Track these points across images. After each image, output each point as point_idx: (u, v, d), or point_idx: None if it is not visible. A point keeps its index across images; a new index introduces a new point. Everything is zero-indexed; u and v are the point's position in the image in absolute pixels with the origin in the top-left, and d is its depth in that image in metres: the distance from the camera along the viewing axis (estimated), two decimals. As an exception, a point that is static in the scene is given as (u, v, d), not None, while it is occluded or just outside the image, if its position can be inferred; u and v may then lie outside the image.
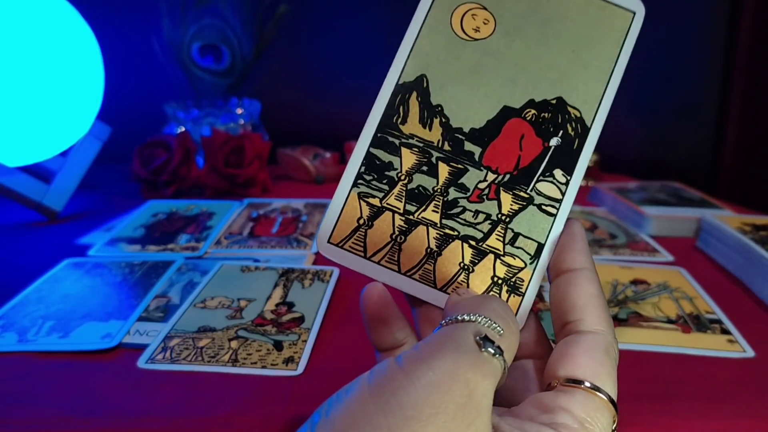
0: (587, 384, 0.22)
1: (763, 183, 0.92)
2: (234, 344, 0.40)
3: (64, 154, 0.72)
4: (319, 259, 0.55)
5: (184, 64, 0.85)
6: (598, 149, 0.88)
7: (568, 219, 0.26)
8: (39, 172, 0.70)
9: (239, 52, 0.86)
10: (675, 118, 0.98)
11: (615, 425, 0.22)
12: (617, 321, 0.44)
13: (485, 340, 0.20)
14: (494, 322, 0.21)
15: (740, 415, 0.33)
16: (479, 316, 0.21)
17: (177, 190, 0.75)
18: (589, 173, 0.89)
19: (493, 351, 0.20)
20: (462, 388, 0.18)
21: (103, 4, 0.84)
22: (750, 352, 0.40)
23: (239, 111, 0.86)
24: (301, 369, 0.37)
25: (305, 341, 0.40)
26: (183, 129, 0.83)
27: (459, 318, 0.21)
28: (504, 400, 0.24)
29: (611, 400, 0.22)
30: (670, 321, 0.44)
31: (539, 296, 0.47)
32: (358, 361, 0.38)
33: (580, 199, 0.77)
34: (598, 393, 0.22)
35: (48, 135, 0.67)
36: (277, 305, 0.45)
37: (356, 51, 0.94)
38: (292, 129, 0.95)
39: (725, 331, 0.43)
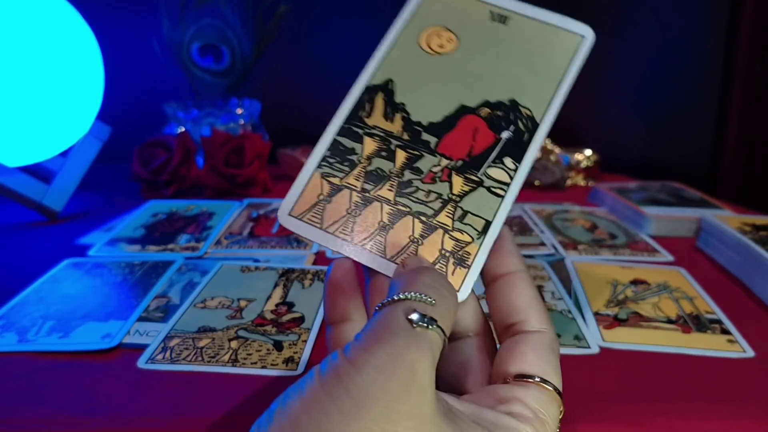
0: (537, 378, 0.24)
1: (763, 183, 0.92)
2: (234, 344, 0.40)
3: (64, 154, 0.72)
4: (319, 259, 0.55)
5: (183, 64, 0.85)
6: (598, 149, 0.89)
7: None
8: (39, 172, 0.70)
9: (239, 52, 0.86)
10: (675, 118, 0.98)
11: (561, 414, 0.25)
12: (617, 321, 0.44)
13: (416, 315, 0.21)
14: (425, 295, 0.23)
15: (740, 415, 0.33)
16: (409, 293, 0.23)
17: (177, 190, 0.75)
18: (589, 173, 0.89)
19: (425, 324, 0.21)
20: (403, 369, 0.20)
21: (103, 4, 0.84)
22: (750, 352, 0.40)
23: (239, 111, 0.86)
24: (301, 369, 0.37)
25: (305, 341, 0.40)
26: (183, 129, 0.83)
27: (391, 299, 0.23)
28: (448, 376, 0.26)
29: (558, 392, 0.24)
30: (670, 321, 0.44)
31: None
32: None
33: (580, 199, 0.77)
34: (547, 386, 0.24)
35: (48, 135, 0.67)
36: (277, 305, 0.45)
37: (356, 51, 0.94)
38: (292, 129, 0.95)
39: (725, 331, 0.43)
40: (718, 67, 0.93)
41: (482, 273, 0.27)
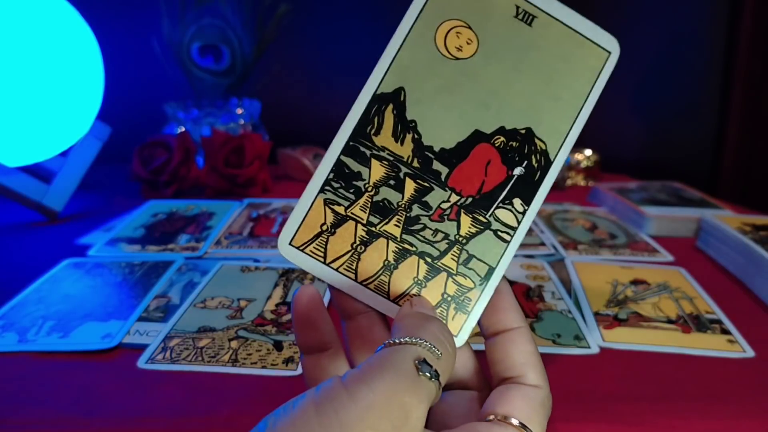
0: (516, 422, 0.23)
1: (763, 183, 0.92)
2: (234, 344, 0.40)
3: (64, 154, 0.72)
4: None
5: (183, 64, 0.85)
6: (598, 149, 0.89)
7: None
8: (39, 172, 0.70)
9: (239, 53, 0.86)
10: (675, 118, 0.98)
11: None
12: (617, 321, 0.44)
13: (423, 364, 0.21)
14: (433, 345, 0.22)
15: (740, 415, 0.33)
16: (419, 339, 0.22)
17: (177, 190, 0.75)
18: (589, 173, 0.89)
19: (429, 375, 0.21)
20: (399, 411, 0.20)
21: (103, 4, 0.84)
22: (750, 352, 0.40)
23: (239, 111, 0.86)
24: (301, 369, 0.37)
25: (305, 341, 0.40)
26: (183, 129, 0.83)
27: (400, 340, 0.22)
28: (436, 424, 0.26)
29: None
30: (670, 321, 0.44)
31: (539, 296, 0.47)
32: (358, 361, 0.38)
33: (580, 199, 0.77)
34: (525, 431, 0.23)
35: (48, 135, 0.67)
36: (277, 305, 0.45)
37: (356, 51, 0.94)
38: (292, 129, 0.95)
39: (725, 331, 0.43)
40: (718, 67, 0.93)
41: (481, 326, 0.27)
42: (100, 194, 0.78)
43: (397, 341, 0.22)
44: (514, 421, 0.23)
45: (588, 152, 0.89)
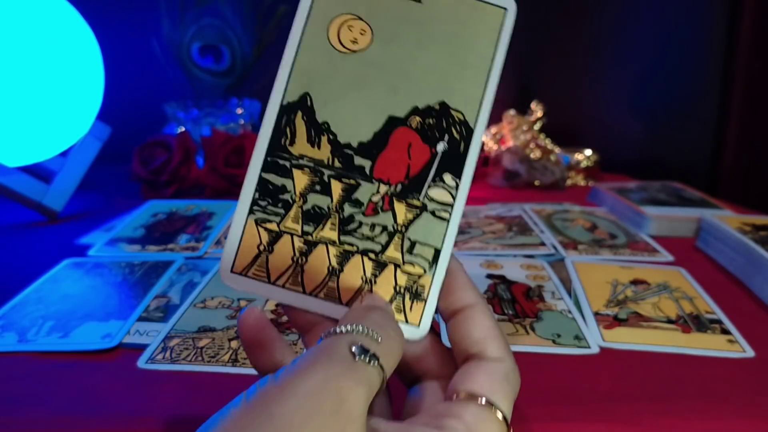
0: (483, 400, 0.23)
1: (763, 183, 0.92)
2: (234, 344, 0.40)
3: (64, 154, 0.72)
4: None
5: (183, 64, 0.85)
6: (598, 149, 0.89)
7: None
8: (39, 172, 0.70)
9: (239, 53, 0.86)
10: (675, 118, 0.98)
11: None
12: (617, 321, 0.44)
13: (359, 348, 0.21)
14: (371, 330, 0.22)
15: (740, 415, 0.33)
16: (356, 326, 0.22)
17: (177, 190, 0.75)
18: (589, 173, 0.89)
19: (367, 359, 0.21)
20: (333, 396, 0.19)
21: (103, 4, 0.84)
22: (750, 352, 0.40)
23: (239, 111, 0.86)
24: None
25: (305, 341, 0.40)
26: (183, 129, 0.83)
27: (335, 330, 0.22)
28: (409, 416, 0.25)
29: (505, 420, 0.23)
30: (670, 321, 0.44)
31: (539, 296, 0.47)
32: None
33: (580, 199, 0.77)
34: (492, 408, 0.23)
35: (48, 135, 0.67)
36: (276, 305, 0.45)
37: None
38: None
39: (725, 331, 0.43)
40: (718, 67, 0.93)
41: (440, 310, 0.27)
42: (100, 194, 0.78)
43: (332, 332, 0.22)
44: (478, 398, 0.23)
45: (588, 152, 0.89)
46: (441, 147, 0.27)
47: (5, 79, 0.62)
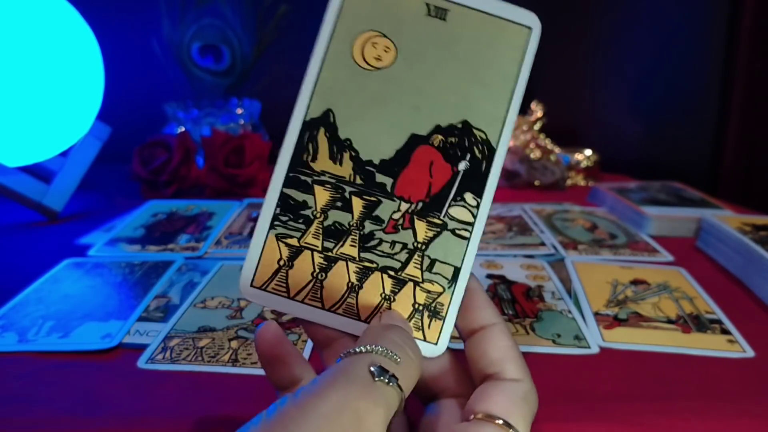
0: (500, 421, 0.23)
1: (763, 183, 0.92)
2: (234, 344, 0.40)
3: (64, 154, 0.72)
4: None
5: (183, 64, 0.85)
6: (598, 149, 0.89)
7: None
8: (39, 172, 0.70)
9: (239, 53, 0.86)
10: (675, 118, 0.98)
11: None
12: (617, 321, 0.44)
13: (378, 369, 0.21)
14: (390, 351, 0.22)
15: (740, 415, 0.33)
16: (375, 346, 0.22)
17: (177, 190, 0.75)
18: (589, 173, 0.89)
19: (386, 379, 0.21)
20: (351, 417, 0.19)
21: (103, 4, 0.84)
22: (750, 352, 0.40)
23: (239, 111, 0.86)
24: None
25: (305, 341, 0.40)
26: (183, 129, 0.83)
27: (355, 350, 0.22)
28: None
29: None
30: (670, 321, 0.44)
31: (539, 296, 0.47)
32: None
33: (580, 199, 0.77)
34: (509, 429, 0.23)
35: (48, 135, 0.67)
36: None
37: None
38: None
39: (725, 331, 0.43)
40: (718, 67, 0.93)
41: (458, 328, 0.27)
42: (100, 194, 0.78)
43: (352, 351, 0.22)
44: (495, 419, 0.23)
45: (588, 152, 0.89)
46: (463, 166, 0.27)
47: (5, 79, 0.62)
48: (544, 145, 0.89)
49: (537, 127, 0.91)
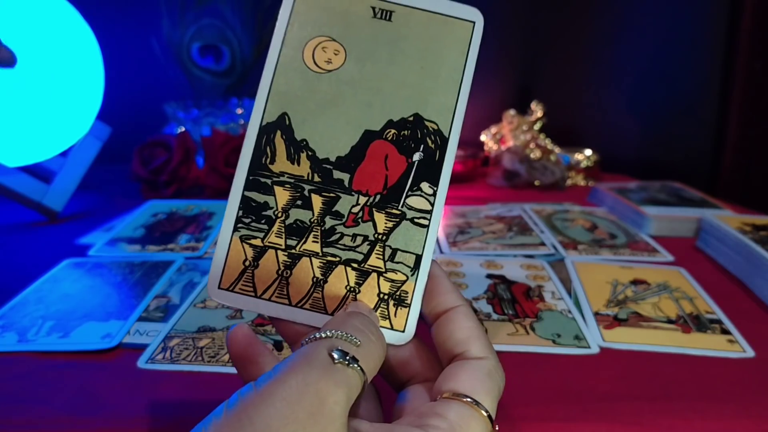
0: (468, 399, 0.23)
1: (763, 183, 0.92)
2: (234, 344, 0.40)
3: (64, 154, 0.72)
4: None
5: (183, 64, 0.85)
6: (598, 149, 0.89)
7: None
8: (39, 172, 0.70)
9: (239, 53, 0.86)
10: (675, 118, 0.98)
11: None
12: (617, 321, 0.44)
13: (338, 352, 0.21)
14: (350, 335, 0.23)
15: (740, 415, 0.33)
16: (336, 331, 0.23)
17: (177, 190, 0.75)
18: (589, 173, 0.89)
19: (346, 361, 0.21)
20: (312, 398, 0.19)
21: (103, 4, 0.84)
22: (750, 352, 0.40)
23: (239, 111, 0.86)
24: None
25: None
26: (183, 129, 0.83)
27: (315, 336, 0.23)
28: (397, 419, 0.25)
29: (489, 416, 0.23)
30: (670, 321, 0.44)
31: (539, 296, 0.47)
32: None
33: (580, 199, 0.77)
34: (475, 405, 0.23)
35: (48, 135, 0.67)
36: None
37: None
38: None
39: (725, 331, 0.43)
40: (718, 67, 0.92)
41: (424, 315, 0.28)
42: (100, 194, 0.79)
43: (313, 337, 0.23)
44: (462, 397, 0.23)
45: (588, 152, 0.89)
46: (417, 156, 0.28)
47: (5, 79, 0.62)
48: (544, 145, 0.89)
49: (537, 127, 0.91)
